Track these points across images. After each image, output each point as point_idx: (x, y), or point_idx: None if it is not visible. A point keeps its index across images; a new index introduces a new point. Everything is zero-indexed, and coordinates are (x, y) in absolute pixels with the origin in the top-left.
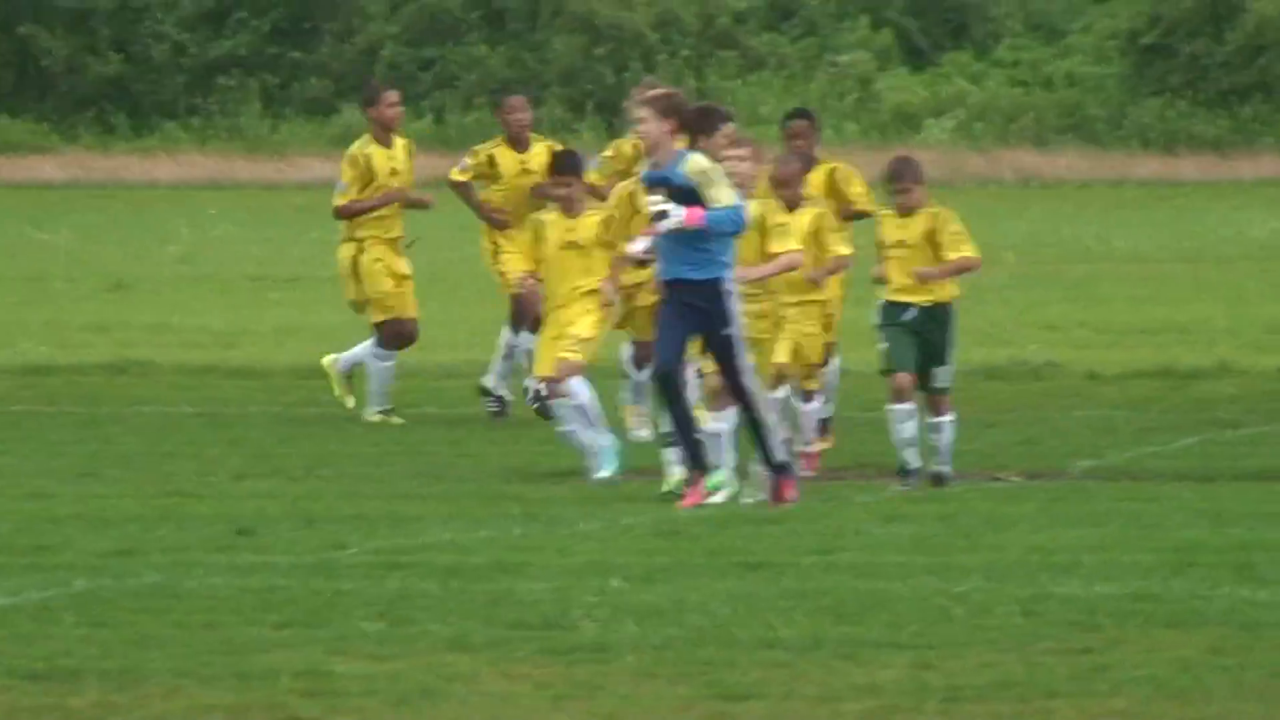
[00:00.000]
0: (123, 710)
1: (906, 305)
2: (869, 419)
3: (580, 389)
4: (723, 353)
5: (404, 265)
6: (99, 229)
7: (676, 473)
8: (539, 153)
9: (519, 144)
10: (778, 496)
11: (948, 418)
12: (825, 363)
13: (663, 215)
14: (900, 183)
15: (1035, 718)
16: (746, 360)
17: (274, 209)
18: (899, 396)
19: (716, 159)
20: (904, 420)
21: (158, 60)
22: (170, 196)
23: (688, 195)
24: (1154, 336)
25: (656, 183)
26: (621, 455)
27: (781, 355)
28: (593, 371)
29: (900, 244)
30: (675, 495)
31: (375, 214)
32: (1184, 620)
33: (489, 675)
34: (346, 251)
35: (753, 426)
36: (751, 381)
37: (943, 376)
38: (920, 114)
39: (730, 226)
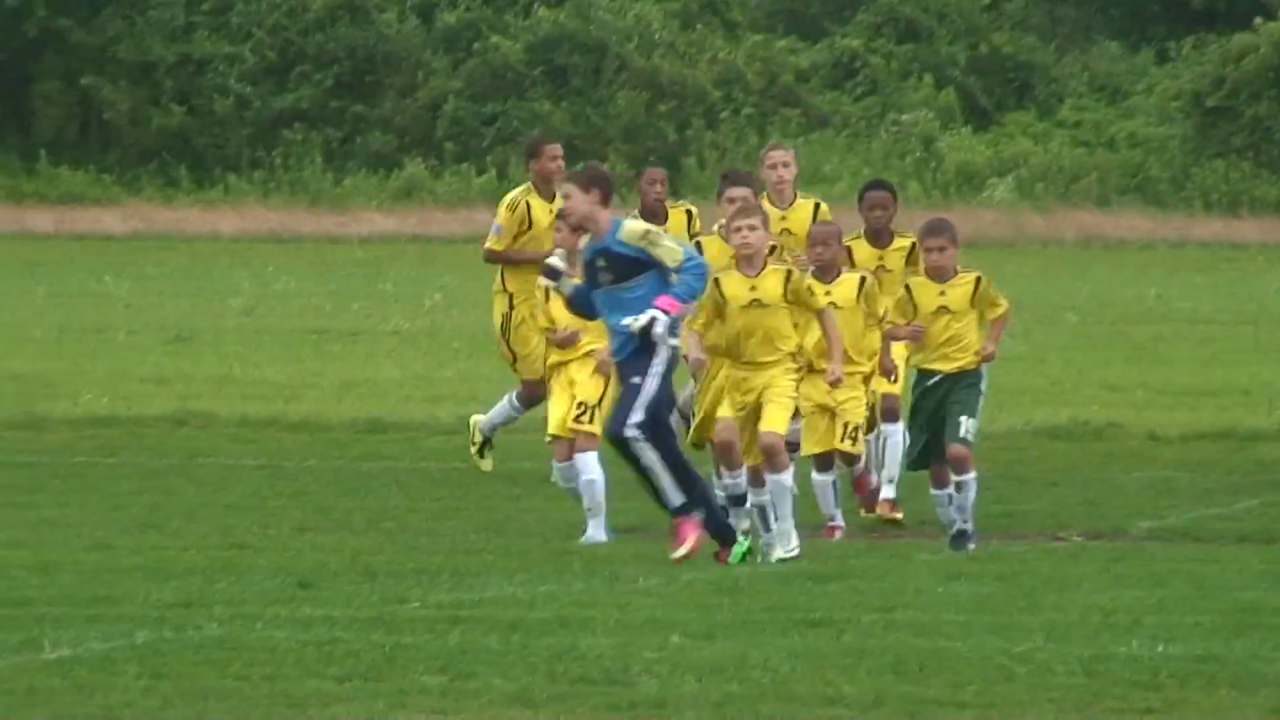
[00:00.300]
0: None
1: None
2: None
3: (588, 468)
4: (621, 396)
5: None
6: (161, 281)
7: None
8: (676, 215)
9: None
10: (679, 538)
11: (969, 476)
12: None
13: (650, 325)
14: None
15: None
16: (640, 414)
17: (336, 262)
18: (937, 484)
19: (727, 229)
20: (944, 504)
21: (220, 113)
22: (232, 249)
23: (631, 263)
24: (1215, 398)
25: (597, 254)
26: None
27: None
28: None
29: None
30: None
31: (525, 269)
32: (1246, 682)
33: None
34: (500, 305)
35: (642, 474)
36: (634, 432)
37: (965, 428)
38: (983, 174)
39: (699, 284)
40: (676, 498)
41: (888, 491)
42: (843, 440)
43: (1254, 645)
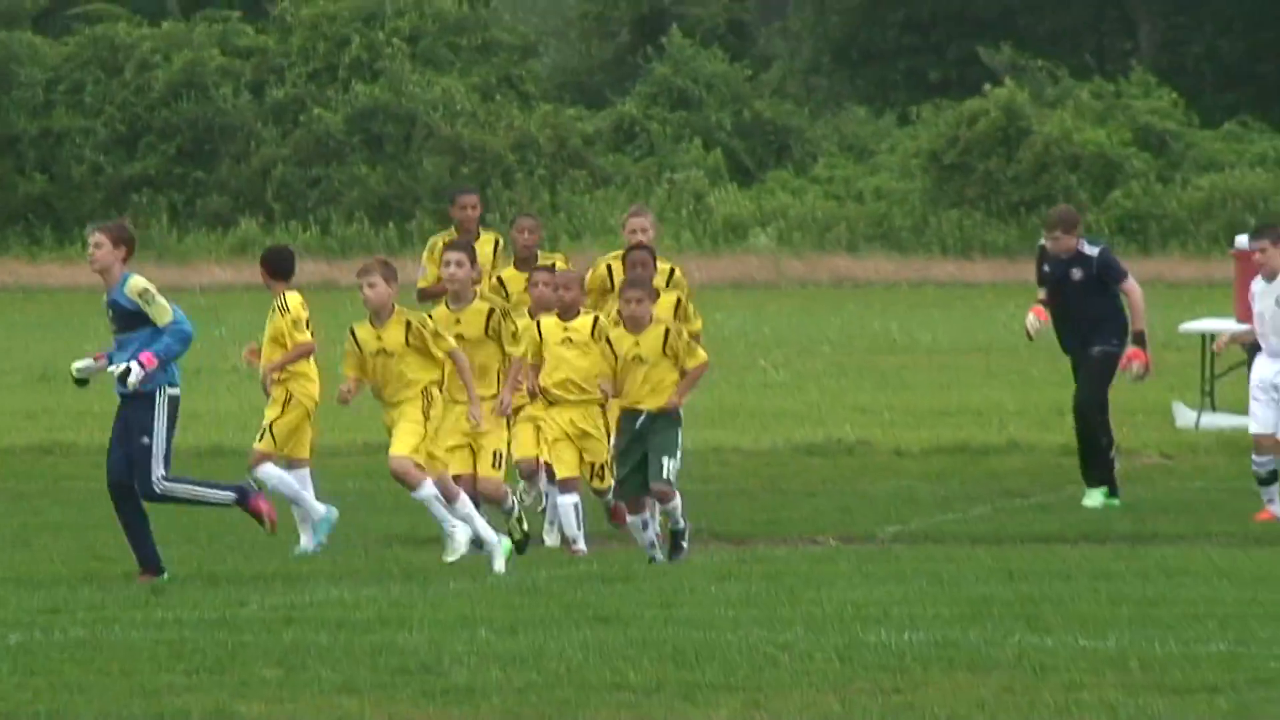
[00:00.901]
0: None
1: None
2: (705, 491)
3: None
4: (137, 459)
5: None
6: (26, 329)
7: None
8: (485, 241)
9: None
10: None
11: (672, 504)
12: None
13: (126, 375)
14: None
15: None
16: (160, 466)
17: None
18: (633, 511)
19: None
20: (639, 529)
21: (77, 180)
22: (90, 299)
23: (131, 315)
24: (952, 418)
25: (108, 305)
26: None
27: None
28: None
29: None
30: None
31: None
32: (980, 664)
33: (374, 716)
34: None
35: (193, 503)
36: (163, 486)
37: (666, 469)
38: (747, 224)
39: (180, 348)
40: (227, 494)
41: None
42: (592, 479)
43: (986, 632)
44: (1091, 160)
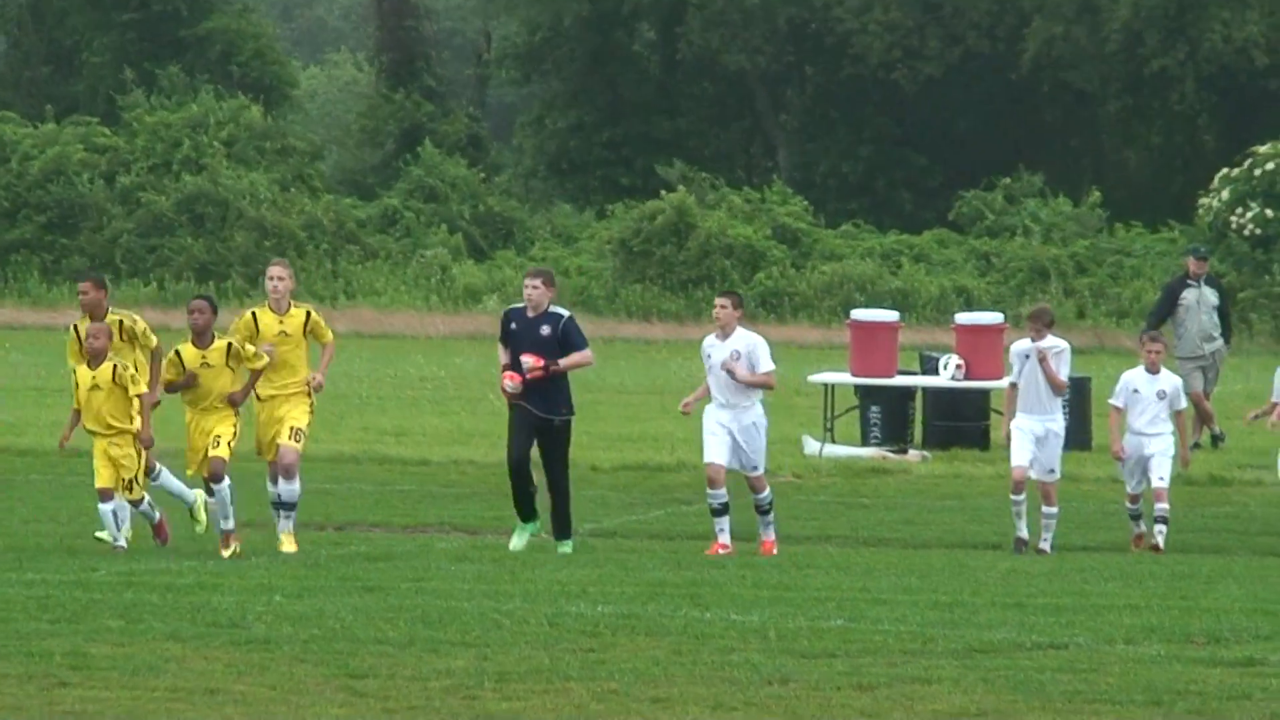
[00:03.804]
0: None
1: None
2: (447, 493)
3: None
4: None
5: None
6: None
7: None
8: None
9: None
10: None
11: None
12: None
13: None
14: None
15: (558, 695)
16: None
17: (49, 345)
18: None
19: None
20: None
21: None
22: None
23: None
24: (635, 443)
25: None
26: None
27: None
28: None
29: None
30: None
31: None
32: (656, 631)
33: (193, 658)
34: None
35: None
36: None
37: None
38: (481, 291)
39: None
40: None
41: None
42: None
43: (660, 607)
44: (741, 249)
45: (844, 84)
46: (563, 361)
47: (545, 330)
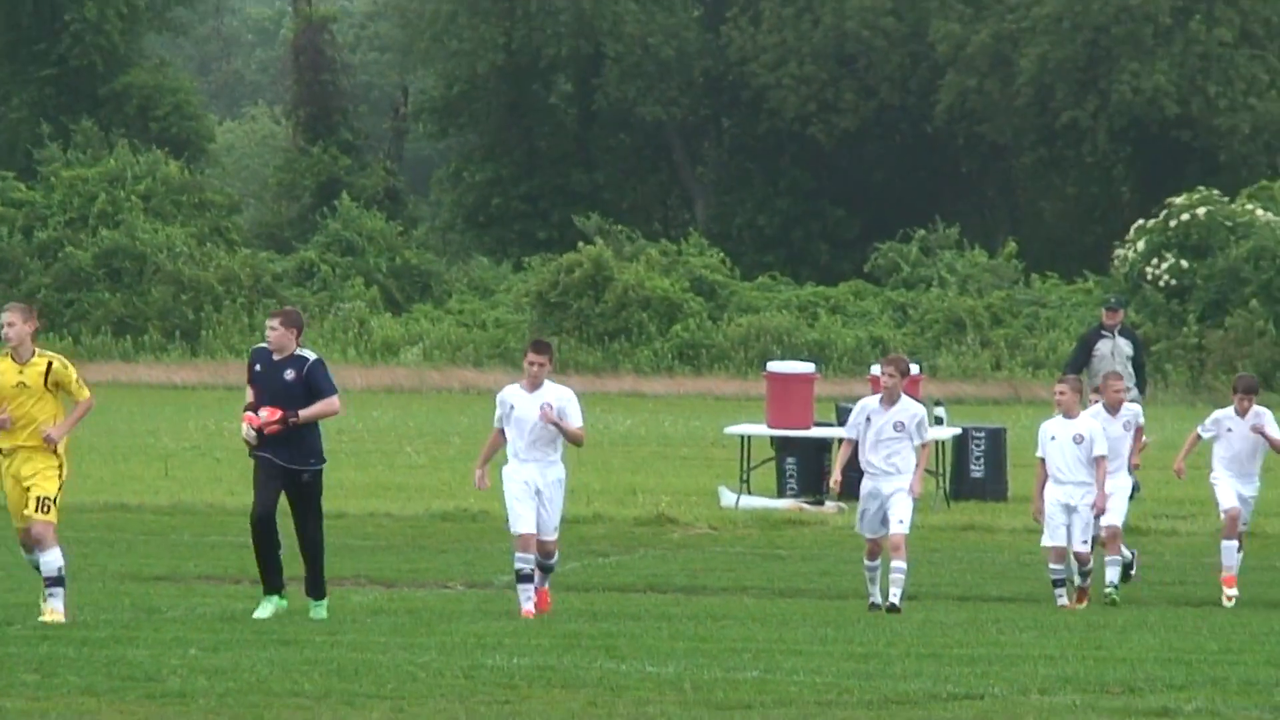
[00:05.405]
0: None
1: None
2: (363, 545)
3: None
4: None
5: None
6: None
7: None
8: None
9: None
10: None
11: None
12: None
13: None
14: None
15: None
16: None
17: None
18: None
19: None
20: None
21: None
22: None
23: None
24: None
25: None
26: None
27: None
28: None
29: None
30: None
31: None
32: (571, 683)
33: (109, 712)
34: None
35: None
36: None
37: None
38: (398, 343)
39: None
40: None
41: None
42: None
43: (576, 659)
44: (659, 302)
45: (760, 137)
46: (303, 412)
47: (290, 375)
